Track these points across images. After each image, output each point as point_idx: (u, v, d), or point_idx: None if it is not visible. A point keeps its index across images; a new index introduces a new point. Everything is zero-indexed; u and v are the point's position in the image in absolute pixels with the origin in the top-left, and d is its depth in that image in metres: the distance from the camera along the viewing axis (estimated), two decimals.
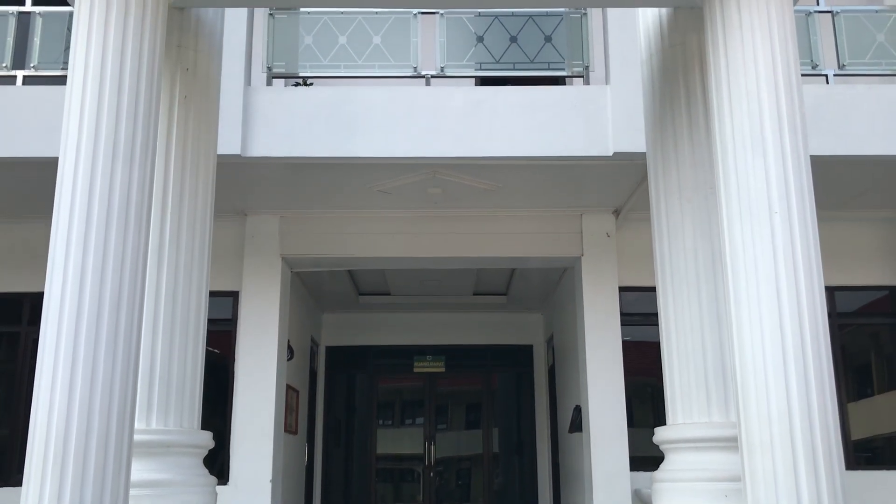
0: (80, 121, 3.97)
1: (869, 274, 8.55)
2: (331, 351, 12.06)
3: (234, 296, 8.27)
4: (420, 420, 12.27)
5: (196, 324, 4.74)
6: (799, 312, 3.87)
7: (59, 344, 3.68)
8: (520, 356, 12.19)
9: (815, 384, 3.80)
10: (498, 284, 11.28)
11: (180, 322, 4.63)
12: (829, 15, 7.09)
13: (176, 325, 4.60)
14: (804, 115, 4.12)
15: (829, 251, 8.35)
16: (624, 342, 8.19)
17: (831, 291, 8.66)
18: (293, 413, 9.44)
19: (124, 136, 3.96)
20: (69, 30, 7.04)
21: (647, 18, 5.35)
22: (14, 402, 8.21)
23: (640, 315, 8.34)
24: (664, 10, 5.19)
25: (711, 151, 4.48)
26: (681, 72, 5.04)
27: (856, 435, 8.35)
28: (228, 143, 6.52)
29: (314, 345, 11.39)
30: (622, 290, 8.37)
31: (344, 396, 12.37)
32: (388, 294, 11.54)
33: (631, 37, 6.71)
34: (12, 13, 6.93)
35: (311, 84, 7.25)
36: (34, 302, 8.37)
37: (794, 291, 3.88)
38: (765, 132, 3.99)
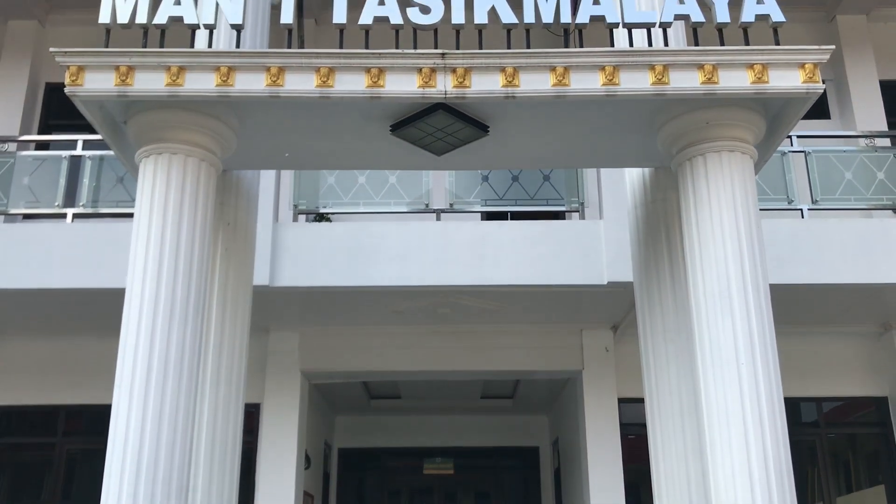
0: (143, 285, 4.60)
1: (853, 385, 9.06)
2: (343, 453, 12.49)
3: (256, 408, 8.80)
4: None
5: (233, 454, 5.30)
6: (764, 451, 4.43)
7: (122, 483, 4.25)
8: (526, 458, 12.59)
9: None
10: (505, 388, 11.79)
11: (219, 453, 5.19)
12: (803, 154, 7.82)
13: (215, 457, 5.16)
14: (766, 275, 4.76)
15: (816, 364, 9.01)
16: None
17: (818, 402, 9.21)
18: None
19: (180, 298, 4.60)
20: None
21: (633, 174, 6.07)
22: None
23: (639, 425, 8.80)
24: (647, 169, 5.90)
25: (689, 302, 5.11)
26: (662, 225, 5.71)
27: None
28: (258, 275, 7.12)
29: (327, 448, 11.84)
30: (621, 401, 8.88)
31: (355, 498, 12.74)
32: (399, 397, 12.06)
33: (621, 175, 7.42)
34: (64, 157, 7.72)
35: (330, 219, 7.97)
36: (69, 414, 8.95)
37: (759, 432, 4.45)
38: (731, 294, 4.63)
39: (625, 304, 8.20)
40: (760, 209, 7.44)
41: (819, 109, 10.03)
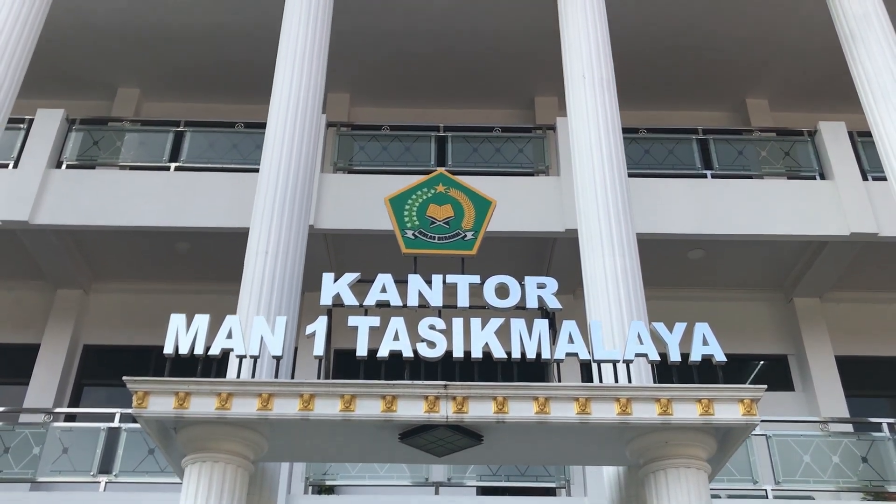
0: None
1: None
2: None
3: None
4: None
5: None
6: None
7: None
8: None
9: None
10: None
11: None
12: (764, 438, 8.69)
13: None
14: None
15: None
16: None
17: None
18: None
19: None
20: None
21: (609, 470, 6.89)
22: None
23: None
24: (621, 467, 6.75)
25: None
26: None
27: None
28: None
29: None
30: None
31: None
32: None
33: None
34: (103, 429, 8.58)
35: (335, 492, 8.71)
36: None
37: None
38: None
39: None
40: (727, 488, 8.30)
41: (783, 382, 11.04)
